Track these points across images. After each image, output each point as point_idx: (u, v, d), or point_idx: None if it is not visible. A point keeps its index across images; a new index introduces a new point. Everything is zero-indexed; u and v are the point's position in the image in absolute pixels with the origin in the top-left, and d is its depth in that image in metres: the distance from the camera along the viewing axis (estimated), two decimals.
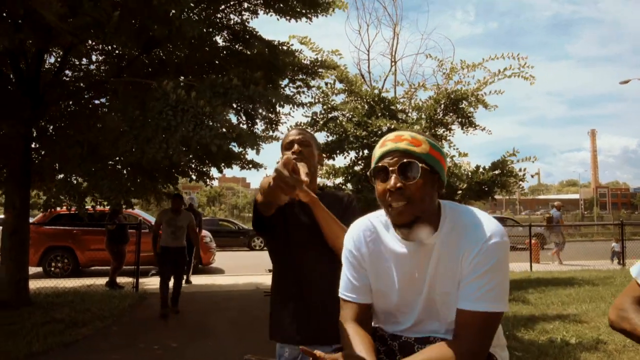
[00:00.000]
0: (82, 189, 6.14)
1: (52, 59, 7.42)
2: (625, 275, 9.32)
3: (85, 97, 6.96)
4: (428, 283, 1.33)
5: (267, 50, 6.48)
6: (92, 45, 6.87)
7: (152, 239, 6.88)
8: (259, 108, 6.50)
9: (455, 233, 1.31)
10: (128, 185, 6.77)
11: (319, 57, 7.43)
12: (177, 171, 7.14)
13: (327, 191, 2.18)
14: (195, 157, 7.07)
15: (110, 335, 5.76)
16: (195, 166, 7.60)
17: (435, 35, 50.45)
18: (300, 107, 7.57)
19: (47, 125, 6.95)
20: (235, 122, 6.35)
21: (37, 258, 10.47)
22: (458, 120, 7.75)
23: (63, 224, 10.90)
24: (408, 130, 1.40)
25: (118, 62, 6.92)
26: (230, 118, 5.91)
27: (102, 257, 10.43)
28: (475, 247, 1.26)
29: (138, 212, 11.83)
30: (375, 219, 1.46)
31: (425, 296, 1.35)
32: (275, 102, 6.02)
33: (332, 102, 7.85)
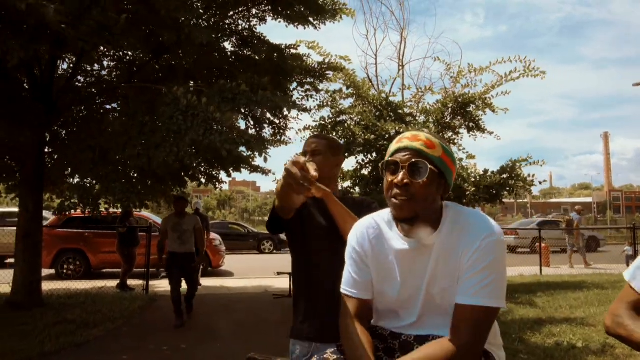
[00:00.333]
0: (95, 192, 6.25)
1: (65, 65, 7.58)
2: None
3: (97, 102, 7.08)
4: (428, 280, 1.38)
5: (275, 55, 6.55)
6: (104, 51, 7.00)
7: (157, 248, 6.65)
8: (267, 113, 6.57)
9: (455, 233, 1.36)
10: (139, 188, 6.89)
11: (327, 60, 7.49)
12: (186, 174, 7.21)
13: (349, 197, 2.24)
14: (205, 160, 7.14)
15: (121, 337, 5.83)
16: (204, 170, 7.68)
17: (443, 39, 50.30)
18: (307, 113, 7.64)
19: (60, 130, 7.08)
20: (244, 127, 6.41)
21: (50, 260, 10.62)
22: (466, 124, 7.76)
23: (75, 227, 11.08)
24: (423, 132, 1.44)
25: (129, 68, 7.04)
26: (240, 124, 5.99)
27: (113, 260, 10.57)
28: (473, 245, 1.31)
29: (148, 215, 11.96)
30: (379, 218, 1.51)
31: (425, 292, 1.39)
32: (282, 108, 6.09)
33: (340, 106, 7.91)
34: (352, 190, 7.60)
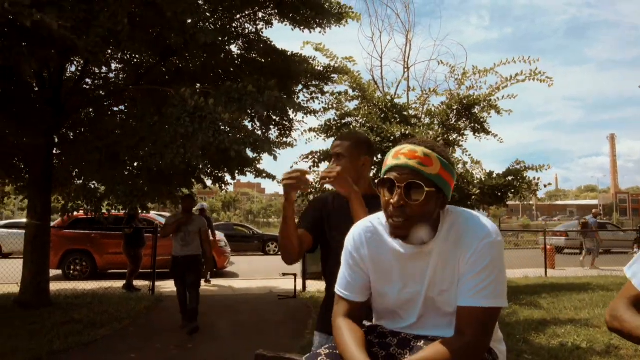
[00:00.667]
0: (99, 194, 6.31)
1: (73, 68, 7.66)
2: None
3: (105, 104, 7.16)
4: (427, 283, 1.40)
5: (281, 59, 6.61)
6: (111, 54, 7.09)
7: (167, 231, 6.14)
8: (273, 114, 6.61)
9: (452, 236, 1.38)
10: (144, 190, 6.95)
11: (333, 63, 7.54)
12: (192, 176, 7.26)
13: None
14: (211, 162, 7.18)
15: (128, 336, 5.89)
16: (210, 171, 7.74)
17: (448, 42, 50.27)
18: (313, 115, 7.68)
19: (68, 132, 7.16)
20: (250, 128, 6.45)
21: (57, 261, 10.71)
22: (470, 125, 7.78)
23: (82, 228, 11.17)
24: (422, 139, 1.43)
25: (136, 70, 7.12)
26: (247, 125, 6.02)
27: (119, 261, 10.64)
28: (470, 248, 1.33)
29: (154, 217, 12.04)
30: (376, 221, 1.52)
31: (425, 295, 1.41)
32: (288, 109, 6.14)
33: (345, 108, 7.95)
34: None
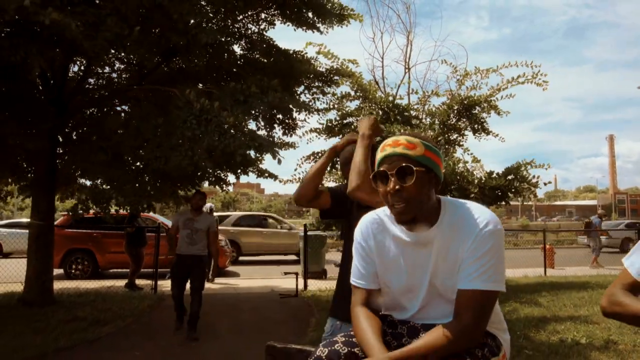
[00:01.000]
0: (108, 194, 6.35)
1: (76, 68, 7.71)
2: None
3: (108, 104, 7.20)
4: (430, 271, 1.48)
5: (283, 59, 6.67)
6: (115, 54, 7.13)
7: (168, 242, 6.10)
8: (277, 114, 6.66)
9: (454, 225, 1.46)
10: (148, 190, 7.01)
11: (335, 64, 7.61)
12: (196, 176, 7.30)
13: None
14: (214, 163, 7.20)
15: (131, 334, 5.94)
16: (212, 171, 7.78)
17: (449, 42, 50.26)
18: (316, 114, 7.74)
19: (72, 132, 7.21)
20: (255, 127, 6.50)
21: (58, 260, 10.71)
22: (471, 125, 7.85)
23: (83, 227, 11.20)
24: (404, 132, 1.55)
25: (139, 70, 7.17)
26: (251, 124, 6.06)
27: (120, 260, 10.69)
28: (472, 234, 1.41)
29: (156, 216, 12.08)
30: (382, 213, 1.61)
31: (429, 282, 1.49)
32: (292, 109, 6.19)
33: (346, 109, 8.01)
34: None
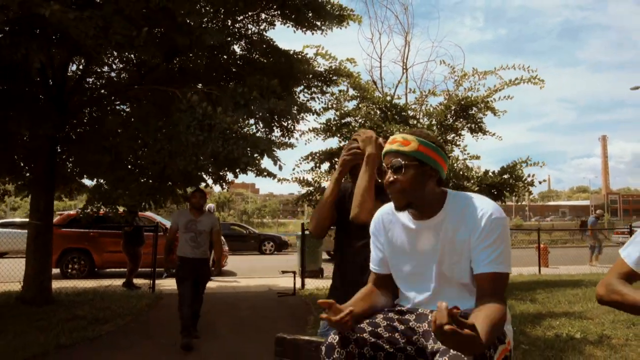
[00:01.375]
0: (116, 195, 6.37)
1: (74, 67, 7.71)
2: None
3: (108, 103, 7.22)
4: (438, 256, 1.60)
5: (283, 59, 6.72)
6: (113, 52, 7.15)
7: (165, 248, 5.53)
8: (276, 117, 6.72)
9: (461, 214, 1.59)
10: (151, 189, 7.03)
11: (333, 64, 7.68)
12: (197, 176, 7.33)
13: None
14: (211, 163, 7.21)
15: (131, 332, 5.97)
16: (212, 171, 7.81)
17: (445, 43, 50.09)
18: (317, 115, 7.82)
19: (72, 131, 7.22)
20: (254, 129, 6.54)
21: (55, 259, 10.66)
22: (468, 125, 7.94)
23: (80, 227, 11.18)
24: (407, 130, 1.72)
25: (138, 70, 7.19)
26: (252, 128, 6.09)
27: (117, 259, 10.70)
28: (480, 224, 1.54)
29: (154, 216, 12.09)
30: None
31: (437, 268, 1.61)
32: (292, 114, 6.26)
33: (344, 108, 8.08)
34: None
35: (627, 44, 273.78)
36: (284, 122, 7.53)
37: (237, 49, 7.09)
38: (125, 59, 7.23)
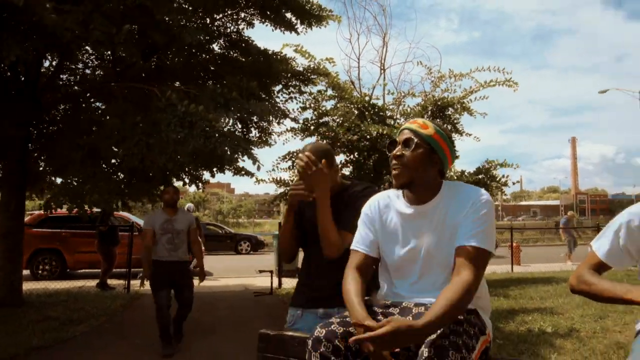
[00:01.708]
0: (82, 192, 6.24)
1: (47, 63, 7.53)
2: None
3: (83, 100, 7.07)
4: (429, 241, 1.65)
5: (262, 59, 6.72)
6: (88, 50, 7.00)
7: (143, 258, 4.91)
8: (254, 118, 6.70)
9: (452, 199, 1.65)
10: (121, 187, 6.92)
11: (312, 63, 7.71)
12: (173, 175, 7.25)
13: (352, 191, 2.26)
14: (191, 161, 7.14)
15: (105, 333, 5.88)
16: (188, 170, 7.74)
17: (423, 44, 50.64)
18: (295, 122, 7.88)
19: (46, 128, 7.05)
20: (233, 129, 6.50)
21: (25, 260, 10.39)
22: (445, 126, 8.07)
23: (52, 227, 10.91)
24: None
25: (114, 67, 7.07)
26: (233, 127, 6.05)
27: (90, 260, 10.47)
28: (469, 202, 1.61)
29: (128, 215, 11.90)
30: (391, 192, 1.81)
31: (426, 252, 1.66)
32: (270, 115, 6.27)
33: (322, 108, 8.12)
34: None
35: (595, 49, 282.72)
36: (262, 124, 7.53)
37: (215, 47, 7.05)
38: (101, 56, 7.10)
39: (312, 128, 7.89)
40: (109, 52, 6.33)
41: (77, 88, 7.15)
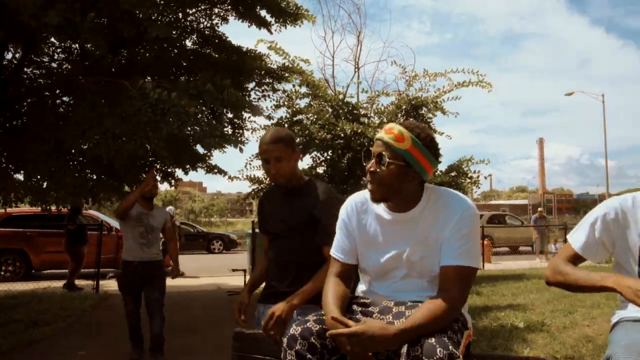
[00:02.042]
0: (44, 188, 6.02)
1: (10, 55, 7.23)
2: None
3: (50, 94, 6.81)
4: (410, 248, 1.61)
5: (235, 55, 6.62)
6: (53, 42, 6.76)
7: (122, 268, 4.51)
8: (228, 112, 6.61)
9: (435, 207, 1.60)
10: (90, 185, 6.70)
11: (286, 61, 7.64)
12: (143, 171, 7.07)
13: (315, 182, 2.29)
14: (161, 157, 6.94)
15: (74, 334, 5.76)
16: (160, 167, 7.56)
17: (397, 44, 50.95)
18: (269, 120, 7.82)
19: (7, 123, 6.76)
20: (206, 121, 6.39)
21: None
22: None
23: (16, 226, 10.53)
24: (411, 122, 1.65)
25: (82, 61, 6.83)
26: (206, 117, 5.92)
27: (56, 260, 10.17)
28: (453, 218, 1.56)
29: (97, 214, 11.60)
30: (368, 193, 1.71)
31: (407, 259, 1.61)
32: (244, 109, 6.18)
33: (296, 106, 8.08)
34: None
35: (563, 53, 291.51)
36: (235, 121, 7.43)
37: (188, 43, 6.91)
38: (68, 49, 6.86)
39: (286, 126, 7.84)
40: (76, 46, 6.13)
41: (42, 81, 6.89)
